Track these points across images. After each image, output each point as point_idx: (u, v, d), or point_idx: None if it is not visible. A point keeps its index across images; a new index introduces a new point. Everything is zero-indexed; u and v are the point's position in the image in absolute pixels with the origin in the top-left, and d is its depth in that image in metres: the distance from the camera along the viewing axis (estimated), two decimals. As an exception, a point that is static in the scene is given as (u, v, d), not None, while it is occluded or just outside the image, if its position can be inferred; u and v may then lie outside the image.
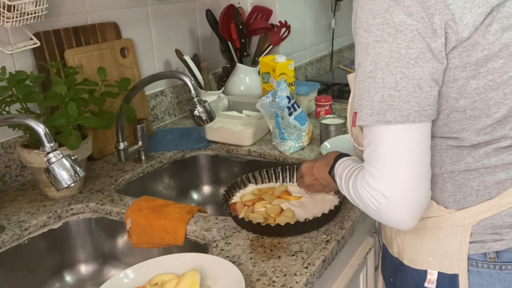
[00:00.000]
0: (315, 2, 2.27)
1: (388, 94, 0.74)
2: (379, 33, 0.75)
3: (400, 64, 0.74)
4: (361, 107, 0.77)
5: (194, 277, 0.86)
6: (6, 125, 1.10)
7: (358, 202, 0.83)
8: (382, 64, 0.75)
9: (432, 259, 0.89)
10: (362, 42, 0.77)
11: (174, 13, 1.77)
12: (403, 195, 0.76)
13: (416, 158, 0.76)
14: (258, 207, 1.11)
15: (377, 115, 0.75)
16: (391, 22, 0.74)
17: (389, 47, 0.74)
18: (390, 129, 0.75)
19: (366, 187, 0.78)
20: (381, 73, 0.75)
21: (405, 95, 0.74)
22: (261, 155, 1.46)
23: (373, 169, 0.77)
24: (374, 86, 0.75)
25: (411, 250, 0.92)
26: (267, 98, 1.43)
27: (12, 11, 1.16)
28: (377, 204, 0.77)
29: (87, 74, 1.39)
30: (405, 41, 0.74)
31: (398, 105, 0.74)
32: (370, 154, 0.78)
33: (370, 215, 0.82)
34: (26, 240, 1.11)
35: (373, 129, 0.77)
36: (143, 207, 1.13)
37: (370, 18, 0.75)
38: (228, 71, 1.77)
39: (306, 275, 0.88)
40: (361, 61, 0.77)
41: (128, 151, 1.39)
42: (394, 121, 0.74)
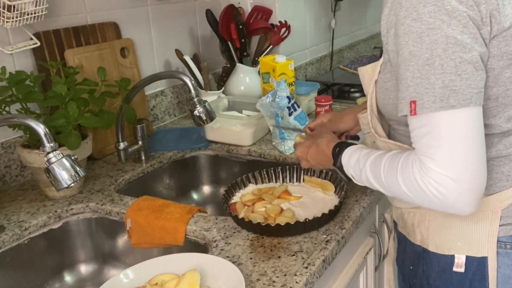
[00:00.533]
0: (315, 2, 2.27)
1: (449, 79, 0.75)
2: (432, 21, 0.75)
3: (458, 49, 0.75)
4: (421, 95, 0.77)
5: (194, 277, 0.86)
6: (6, 125, 1.10)
7: (410, 192, 0.81)
8: (439, 51, 0.75)
9: (460, 243, 0.90)
10: (413, 31, 0.77)
11: (174, 13, 1.77)
12: (473, 177, 0.76)
13: (480, 139, 0.77)
14: (258, 207, 1.11)
15: (440, 101, 0.75)
16: (443, 9, 0.75)
17: (445, 33, 0.75)
18: (455, 113, 0.76)
19: (428, 173, 0.77)
20: (439, 60, 0.75)
21: (466, 78, 0.75)
22: (261, 155, 1.46)
23: (438, 156, 0.76)
24: (434, 73, 0.75)
25: (437, 237, 0.93)
26: (267, 98, 1.43)
27: (12, 11, 1.16)
28: (442, 189, 0.76)
29: (87, 74, 1.39)
30: (459, 27, 0.75)
31: (461, 89, 0.75)
32: (430, 142, 0.77)
33: (427, 203, 0.80)
34: (26, 240, 1.11)
35: (434, 116, 0.76)
36: (143, 207, 1.13)
37: (420, 7, 0.76)
38: (228, 71, 1.77)
39: (306, 275, 0.88)
40: (415, 50, 0.77)
41: (128, 151, 1.39)
42: (458, 105, 0.75)
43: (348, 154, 0.95)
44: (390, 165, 0.85)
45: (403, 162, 0.82)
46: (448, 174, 0.75)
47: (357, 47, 2.79)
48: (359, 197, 1.14)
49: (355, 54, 2.75)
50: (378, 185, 0.88)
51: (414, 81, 0.78)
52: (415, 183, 0.79)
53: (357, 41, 2.80)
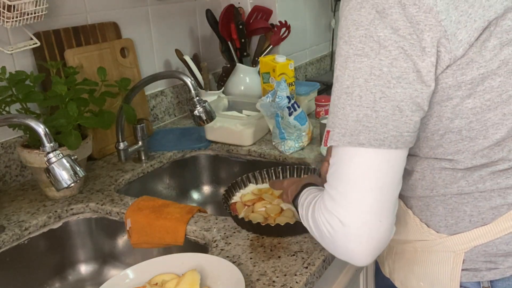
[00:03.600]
0: (315, 2, 2.28)
1: (364, 114, 0.68)
2: (361, 46, 0.68)
3: (381, 83, 0.67)
4: (334, 125, 0.71)
5: (194, 277, 0.86)
6: (6, 125, 1.10)
7: (314, 230, 0.77)
8: (361, 81, 0.68)
9: (423, 284, 0.85)
10: (342, 54, 0.70)
11: (174, 13, 1.77)
12: (363, 224, 0.69)
13: (384, 186, 0.69)
14: (258, 207, 1.11)
15: (350, 135, 0.69)
16: (374, 35, 0.67)
17: (370, 62, 0.68)
18: (361, 151, 0.69)
19: (323, 210, 0.72)
20: (358, 90, 0.68)
21: (383, 116, 0.68)
22: (261, 155, 1.46)
23: (334, 192, 0.71)
24: (350, 104, 0.69)
25: (401, 273, 0.89)
26: (267, 98, 1.43)
27: (12, 11, 1.16)
28: (331, 230, 0.71)
29: (87, 74, 1.39)
30: (389, 58, 0.67)
31: (374, 127, 0.68)
32: (333, 175, 0.72)
33: (324, 244, 0.76)
34: (26, 240, 1.11)
35: (343, 149, 0.71)
36: (143, 207, 1.13)
37: (352, 29, 0.69)
38: (228, 71, 1.77)
39: (306, 275, 0.88)
40: (339, 75, 0.71)
41: (128, 151, 1.39)
42: (367, 144, 0.68)
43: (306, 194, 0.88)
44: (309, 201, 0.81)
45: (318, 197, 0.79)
46: (337, 215, 0.70)
47: (357, 47, 2.79)
48: (359, 197, 1.14)
49: (355, 54, 2.75)
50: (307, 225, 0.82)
51: (332, 108, 0.72)
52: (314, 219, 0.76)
53: (357, 41, 2.79)
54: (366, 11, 0.68)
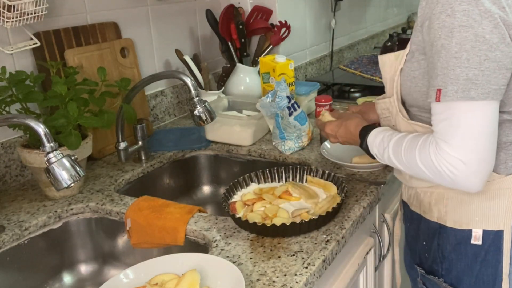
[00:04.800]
0: (315, 2, 2.27)
1: (473, 74, 0.83)
2: (465, 19, 0.82)
3: (485, 48, 0.82)
4: (446, 84, 0.85)
5: (194, 277, 0.86)
6: (6, 125, 1.10)
7: (426, 169, 0.90)
8: (467, 46, 0.83)
9: (478, 218, 0.98)
10: (446, 26, 0.84)
11: (174, 13, 1.77)
12: (480, 162, 0.85)
13: (491, 130, 0.85)
14: (257, 207, 1.11)
15: (462, 91, 0.83)
16: (476, 9, 0.82)
17: (475, 31, 0.82)
18: (473, 104, 0.84)
19: (443, 155, 0.86)
20: (466, 54, 0.83)
21: (488, 75, 0.83)
22: (261, 155, 1.46)
23: (453, 140, 0.85)
24: (460, 66, 0.83)
25: (455, 213, 1.01)
26: (267, 98, 1.43)
27: (12, 11, 1.16)
28: (454, 170, 0.86)
29: (87, 74, 1.39)
30: (489, 27, 0.82)
31: (481, 84, 0.83)
32: (447, 127, 0.86)
33: (440, 180, 0.90)
34: (26, 240, 1.11)
35: (454, 105, 0.85)
36: (143, 207, 1.13)
37: (455, 4, 0.83)
38: (228, 71, 1.77)
39: (306, 275, 0.88)
40: (445, 43, 0.84)
41: (128, 151, 1.39)
42: (477, 98, 0.83)
43: (374, 135, 1.04)
44: (410, 145, 0.93)
45: (422, 143, 0.91)
46: (459, 157, 0.85)
47: (357, 47, 2.80)
48: (359, 197, 1.14)
49: (355, 54, 2.75)
50: (399, 163, 0.96)
51: (442, 71, 0.85)
52: (430, 162, 0.88)
53: (357, 41, 2.80)
54: None
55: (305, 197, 1.12)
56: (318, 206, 1.08)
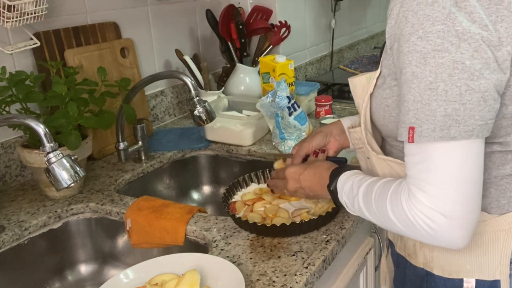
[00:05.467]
0: (315, 2, 2.27)
1: (452, 108, 0.70)
2: (440, 42, 0.70)
3: (465, 76, 0.69)
4: (420, 121, 0.72)
5: (194, 277, 0.86)
6: (6, 125, 1.10)
7: (399, 223, 0.77)
8: (444, 76, 0.70)
9: (470, 266, 0.86)
10: (418, 50, 0.71)
11: (174, 13, 1.77)
12: (465, 213, 0.72)
13: (476, 173, 0.72)
14: (257, 207, 1.11)
15: (440, 130, 0.70)
16: (453, 30, 0.69)
17: (452, 57, 0.69)
18: (454, 145, 0.71)
19: (418, 207, 0.73)
20: (443, 85, 0.70)
21: (470, 108, 0.70)
22: (261, 155, 1.46)
23: (429, 187, 0.72)
24: (436, 99, 0.70)
25: (443, 259, 0.88)
26: (267, 98, 1.43)
27: (12, 11, 1.16)
28: (433, 224, 0.72)
29: (87, 74, 1.39)
30: (469, 51, 0.69)
31: (464, 120, 0.70)
32: (422, 172, 0.73)
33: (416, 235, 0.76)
34: (26, 240, 1.11)
35: (431, 146, 0.72)
36: (143, 207, 1.13)
37: (427, 24, 0.70)
38: (228, 71, 1.77)
39: (306, 275, 0.88)
40: (418, 72, 0.71)
41: (128, 151, 1.39)
42: (459, 137, 0.70)
43: (344, 179, 0.90)
44: (381, 192, 0.80)
45: (393, 190, 0.78)
46: (438, 210, 0.72)
47: (357, 47, 2.80)
48: (359, 197, 1.14)
49: (355, 54, 2.75)
50: (370, 215, 0.83)
51: (414, 105, 0.72)
52: (403, 214, 0.76)
53: (357, 41, 2.80)
54: (439, 6, 0.70)
55: None
56: (318, 206, 1.08)
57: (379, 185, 0.82)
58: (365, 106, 0.88)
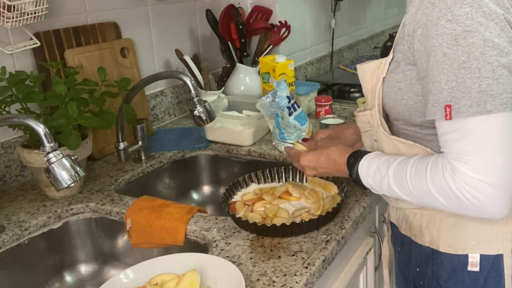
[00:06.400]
0: (315, 2, 2.27)
1: (486, 84, 0.74)
2: (469, 23, 0.74)
3: (495, 53, 0.74)
4: (457, 99, 0.75)
5: (194, 277, 0.86)
6: (6, 125, 1.10)
7: (442, 198, 0.79)
8: (476, 54, 0.74)
9: (474, 242, 0.89)
10: (448, 33, 0.75)
11: (174, 13, 1.77)
12: (508, 183, 0.75)
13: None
14: (257, 207, 1.11)
15: (477, 105, 0.74)
16: (480, 11, 0.74)
17: (482, 36, 0.74)
18: (491, 118, 0.74)
19: (464, 178, 0.76)
20: (476, 63, 0.74)
21: (503, 83, 0.74)
22: (261, 155, 1.46)
23: (473, 161, 0.75)
24: (470, 77, 0.74)
25: (449, 237, 0.91)
26: (267, 98, 1.43)
27: (12, 11, 1.16)
28: (478, 195, 0.75)
29: (87, 74, 1.39)
30: (497, 30, 0.74)
31: (498, 94, 0.74)
32: (465, 147, 0.76)
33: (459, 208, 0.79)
34: (26, 240, 1.11)
35: (469, 120, 0.75)
36: (143, 207, 1.13)
37: (455, 8, 0.75)
38: (228, 71, 1.77)
39: (306, 275, 0.88)
40: (449, 52, 0.75)
41: (128, 151, 1.39)
42: (495, 110, 0.74)
43: (366, 164, 0.92)
44: (417, 171, 0.83)
45: (432, 168, 0.80)
46: (484, 179, 0.75)
47: (357, 47, 2.79)
48: (359, 197, 1.14)
49: (355, 54, 2.75)
50: (403, 193, 0.85)
51: (449, 84, 0.76)
52: (447, 189, 0.78)
53: (357, 41, 2.80)
54: None
55: (305, 197, 1.12)
56: (317, 206, 1.08)
57: (412, 164, 0.84)
58: (378, 89, 0.91)
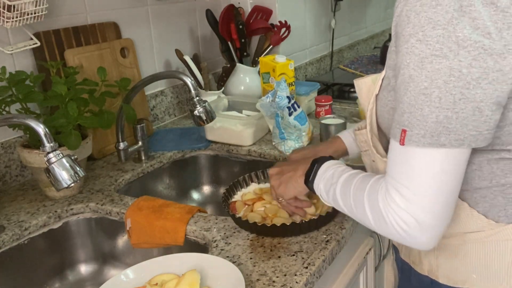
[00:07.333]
0: (315, 2, 2.27)
1: (444, 115, 0.68)
2: (439, 47, 0.68)
3: (460, 84, 0.67)
4: (412, 125, 0.71)
5: (194, 277, 0.86)
6: (6, 125, 1.10)
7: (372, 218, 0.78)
8: (439, 82, 0.68)
9: (476, 276, 0.84)
10: (416, 53, 0.69)
11: (174, 13, 1.77)
12: (437, 222, 0.72)
13: (456, 185, 0.72)
14: (257, 207, 1.11)
15: (430, 136, 0.70)
16: (453, 36, 0.67)
17: (449, 64, 0.67)
18: (441, 153, 0.70)
19: (393, 207, 0.73)
20: (437, 92, 0.68)
21: (463, 117, 0.68)
22: (261, 155, 1.46)
23: (406, 191, 0.72)
24: (429, 105, 0.69)
25: (448, 268, 0.87)
26: (267, 98, 1.43)
27: (12, 11, 1.16)
28: (405, 226, 0.73)
29: (87, 74, 1.39)
30: (468, 59, 0.67)
31: (455, 128, 0.69)
32: (404, 174, 0.72)
33: (386, 233, 0.77)
34: (26, 240, 1.11)
35: (420, 149, 0.71)
36: (143, 207, 1.13)
37: (428, 28, 0.68)
38: (228, 71, 1.77)
39: (306, 275, 0.88)
40: (414, 75, 0.70)
41: (128, 151, 1.39)
42: (448, 145, 0.69)
43: (325, 168, 0.91)
44: (360, 185, 0.81)
45: (372, 184, 0.79)
46: (412, 214, 0.72)
47: (357, 47, 2.80)
48: (359, 197, 1.14)
49: (355, 54, 2.75)
50: (344, 204, 0.84)
51: (409, 108, 0.71)
52: (378, 209, 0.76)
53: (357, 41, 2.80)
54: (443, 9, 0.67)
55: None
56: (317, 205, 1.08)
57: (360, 177, 0.82)
58: (370, 107, 0.87)
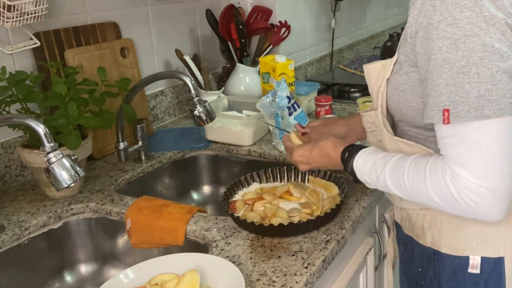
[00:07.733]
0: (315, 2, 2.27)
1: (485, 89, 0.74)
2: (469, 27, 0.74)
3: (495, 58, 0.74)
4: (455, 103, 0.76)
5: (194, 277, 0.86)
6: (6, 125, 1.10)
7: (439, 199, 0.80)
8: (475, 59, 0.74)
9: (475, 244, 0.90)
10: (448, 37, 0.76)
11: (174, 13, 1.77)
12: (506, 187, 0.76)
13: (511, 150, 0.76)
14: (257, 206, 1.11)
15: (475, 110, 0.75)
16: (481, 15, 0.74)
17: (482, 41, 0.74)
18: (489, 123, 0.75)
19: (464, 184, 0.77)
20: (475, 68, 0.74)
21: (501, 88, 0.74)
22: (261, 155, 1.46)
23: (473, 164, 0.76)
24: (469, 82, 0.75)
25: (450, 238, 0.92)
26: (267, 98, 1.43)
27: (12, 11, 1.16)
28: (477, 199, 0.76)
29: (87, 74, 1.39)
30: (497, 34, 0.75)
31: (496, 99, 0.74)
32: (464, 151, 0.77)
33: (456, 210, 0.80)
34: (26, 240, 1.11)
35: (468, 125, 0.76)
36: (143, 207, 1.13)
37: (456, 12, 0.75)
38: (228, 71, 1.77)
39: (306, 275, 0.88)
40: (449, 57, 0.76)
41: (128, 151, 1.39)
42: (493, 115, 0.74)
43: (362, 159, 0.93)
44: (415, 171, 0.83)
45: (431, 170, 0.81)
46: (483, 184, 0.76)
47: (357, 47, 2.79)
48: (359, 197, 1.14)
49: (355, 54, 2.75)
50: (399, 191, 0.87)
51: (447, 88, 0.76)
52: (446, 192, 0.79)
53: (357, 41, 2.80)
54: None
55: (305, 197, 1.12)
56: (316, 206, 1.08)
57: (410, 163, 0.85)
58: (382, 90, 0.91)
